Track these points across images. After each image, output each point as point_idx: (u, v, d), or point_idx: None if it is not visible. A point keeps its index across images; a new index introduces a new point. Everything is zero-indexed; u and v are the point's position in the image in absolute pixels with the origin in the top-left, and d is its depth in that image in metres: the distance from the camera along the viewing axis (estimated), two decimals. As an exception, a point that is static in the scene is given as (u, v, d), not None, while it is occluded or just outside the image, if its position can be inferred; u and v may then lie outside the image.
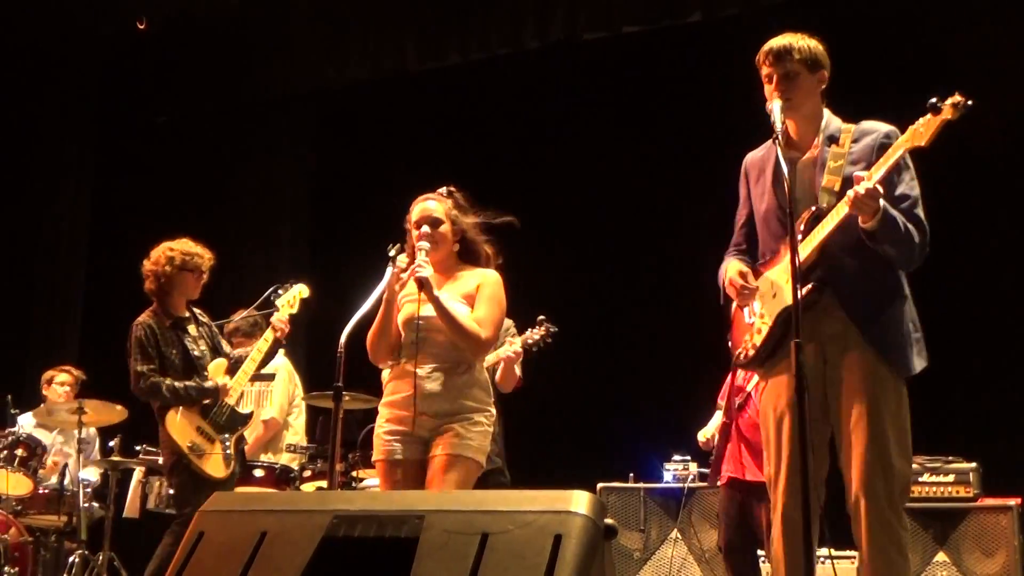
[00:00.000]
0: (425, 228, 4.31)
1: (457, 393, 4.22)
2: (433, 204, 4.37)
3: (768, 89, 3.79)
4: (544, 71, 8.55)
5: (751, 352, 3.86)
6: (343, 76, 9.17)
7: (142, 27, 9.35)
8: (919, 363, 3.67)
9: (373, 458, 4.36)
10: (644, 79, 8.29)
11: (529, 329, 5.71)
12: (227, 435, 5.55)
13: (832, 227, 3.60)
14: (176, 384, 5.46)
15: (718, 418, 5.83)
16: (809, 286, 3.62)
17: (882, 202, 3.48)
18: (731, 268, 3.89)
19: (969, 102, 3.33)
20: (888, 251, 3.60)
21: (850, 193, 3.49)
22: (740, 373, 5.57)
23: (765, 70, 3.79)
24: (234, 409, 5.61)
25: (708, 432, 5.89)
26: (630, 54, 8.29)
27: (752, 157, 4.04)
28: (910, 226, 3.59)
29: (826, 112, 3.84)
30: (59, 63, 9.99)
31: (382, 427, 4.31)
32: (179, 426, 5.47)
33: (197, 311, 5.85)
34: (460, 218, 4.39)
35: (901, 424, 3.61)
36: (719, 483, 5.70)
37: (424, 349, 4.27)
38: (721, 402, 5.82)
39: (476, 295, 4.32)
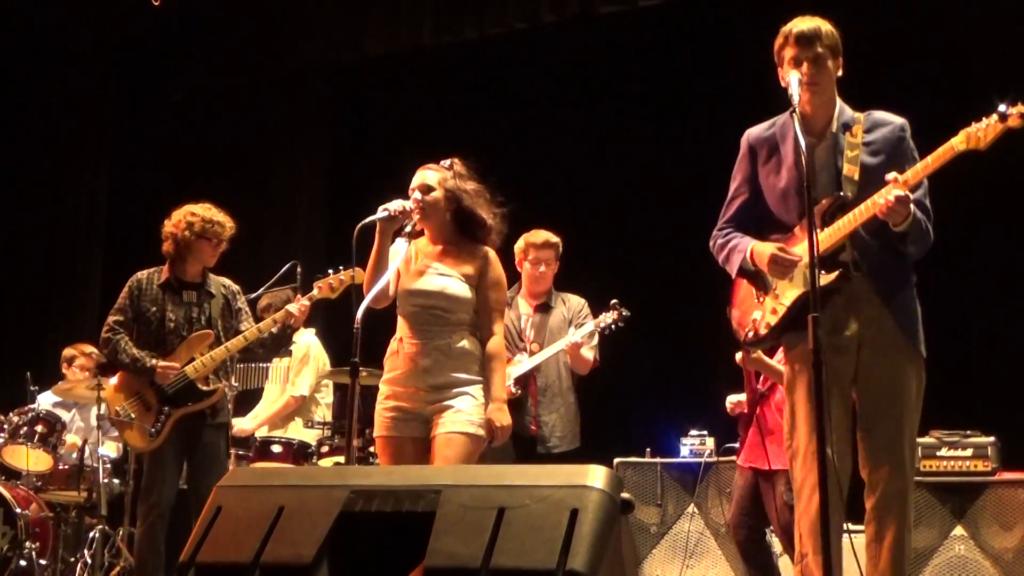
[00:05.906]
0: (417, 194, 4.34)
1: (453, 367, 4.25)
2: (430, 173, 4.39)
3: (786, 71, 3.76)
4: (560, 46, 8.50)
5: (762, 332, 3.84)
6: (359, 51, 9.12)
7: (157, 3, 9.33)
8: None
9: (374, 434, 4.39)
10: (661, 53, 8.23)
11: (603, 312, 5.77)
12: (169, 407, 5.45)
13: (857, 224, 3.60)
14: (128, 351, 5.47)
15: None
16: (836, 272, 3.62)
17: (912, 206, 3.50)
18: (765, 246, 3.81)
19: None
20: (910, 248, 3.65)
21: (879, 199, 3.50)
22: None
23: (790, 52, 3.74)
24: (192, 383, 5.46)
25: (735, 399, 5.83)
26: (647, 28, 8.23)
27: (758, 135, 3.97)
28: (926, 220, 3.64)
29: (839, 100, 3.83)
30: (76, 41, 9.97)
31: (382, 404, 4.35)
32: (118, 388, 5.57)
33: (224, 282, 5.77)
34: (457, 186, 4.38)
35: (919, 405, 3.70)
36: (737, 463, 5.67)
37: (419, 323, 4.30)
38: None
39: (477, 277, 4.35)
